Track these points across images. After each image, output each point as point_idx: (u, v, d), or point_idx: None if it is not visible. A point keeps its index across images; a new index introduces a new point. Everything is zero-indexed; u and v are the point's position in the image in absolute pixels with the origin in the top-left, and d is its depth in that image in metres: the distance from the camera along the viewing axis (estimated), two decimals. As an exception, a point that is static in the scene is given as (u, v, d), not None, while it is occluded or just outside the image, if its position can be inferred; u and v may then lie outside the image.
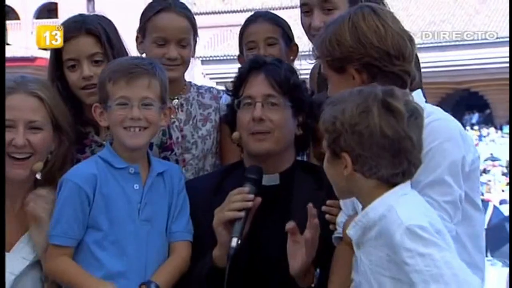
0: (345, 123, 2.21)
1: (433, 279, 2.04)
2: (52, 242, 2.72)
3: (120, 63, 2.79)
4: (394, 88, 2.28)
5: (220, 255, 2.74)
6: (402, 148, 2.19)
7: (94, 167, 2.77)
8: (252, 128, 2.84)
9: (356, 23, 2.48)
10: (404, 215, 2.13)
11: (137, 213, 2.77)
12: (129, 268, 2.73)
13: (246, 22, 3.49)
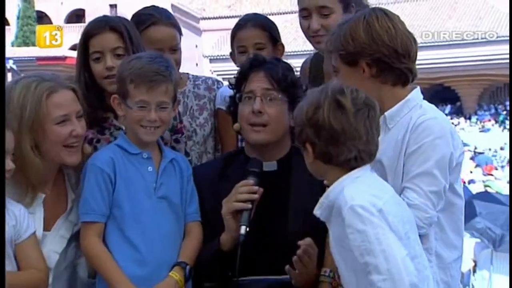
0: (304, 118, 2.26)
1: (366, 252, 2.08)
2: (83, 220, 2.73)
3: (142, 67, 2.75)
4: (345, 86, 2.30)
5: (227, 240, 2.73)
6: (350, 138, 2.21)
7: (112, 153, 2.78)
8: (251, 119, 2.83)
9: (371, 23, 2.49)
10: (349, 195, 2.15)
11: (153, 191, 2.76)
12: (149, 239, 2.72)
13: (236, 27, 3.47)
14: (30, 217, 2.60)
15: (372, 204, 2.12)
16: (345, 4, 3.09)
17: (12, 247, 2.54)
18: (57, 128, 2.67)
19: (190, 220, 2.83)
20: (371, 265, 2.07)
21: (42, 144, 2.65)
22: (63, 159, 2.73)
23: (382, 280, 2.04)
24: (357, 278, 2.18)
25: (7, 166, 2.47)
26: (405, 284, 2.03)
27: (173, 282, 2.70)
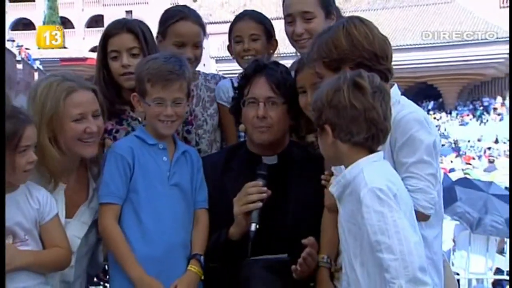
0: (324, 101, 2.22)
1: (380, 232, 2.06)
2: (102, 201, 2.72)
3: (158, 67, 2.75)
4: (362, 70, 2.29)
5: (235, 232, 2.72)
6: (369, 117, 2.19)
7: (131, 143, 2.78)
8: (256, 123, 2.82)
9: (350, 30, 2.46)
10: (369, 178, 2.13)
11: (166, 179, 2.75)
12: (161, 222, 2.71)
13: (235, 19, 3.46)
14: (53, 201, 2.60)
15: (389, 188, 2.10)
16: (326, 10, 3.06)
17: (37, 228, 2.54)
18: (73, 124, 2.66)
19: (199, 207, 2.82)
20: (383, 244, 2.05)
21: (60, 138, 2.64)
22: (78, 152, 2.72)
23: (393, 259, 2.02)
24: (363, 252, 2.16)
25: (30, 158, 2.47)
26: (415, 267, 2.01)
27: (193, 274, 2.71)
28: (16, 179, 2.49)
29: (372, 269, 2.13)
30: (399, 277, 2.01)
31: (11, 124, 2.43)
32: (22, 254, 2.48)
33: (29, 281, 2.50)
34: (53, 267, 2.59)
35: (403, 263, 2.02)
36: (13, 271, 2.45)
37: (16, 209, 2.49)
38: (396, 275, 2.02)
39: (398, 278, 2.01)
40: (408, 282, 2.01)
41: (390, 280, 2.03)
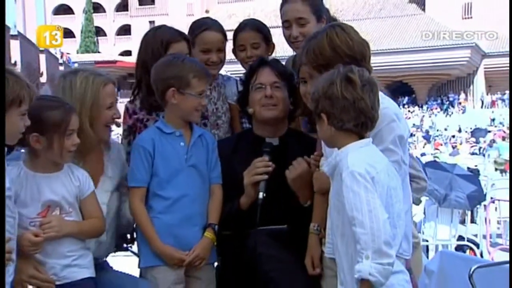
0: (320, 92, 2.21)
1: (355, 209, 2.05)
2: (130, 185, 2.73)
3: (202, 66, 2.81)
4: (353, 66, 2.26)
5: (246, 202, 2.74)
6: (358, 107, 2.17)
7: (152, 134, 2.76)
8: (264, 102, 2.84)
9: (332, 38, 2.43)
10: (351, 162, 2.12)
11: (184, 161, 2.73)
12: (180, 195, 2.70)
13: (237, 29, 3.40)
14: (90, 179, 2.60)
15: (368, 172, 2.09)
16: (317, 16, 3.03)
17: (78, 202, 2.54)
18: (107, 111, 2.68)
19: (213, 182, 2.80)
20: (357, 220, 2.04)
21: (95, 123, 2.64)
22: (102, 135, 2.73)
23: (364, 233, 2.02)
24: (343, 225, 2.16)
25: (74, 141, 2.47)
26: (381, 240, 2.01)
27: (208, 240, 2.71)
28: (62, 158, 2.49)
29: (350, 239, 2.12)
30: (367, 248, 2.01)
31: (59, 112, 2.43)
32: (68, 223, 2.49)
33: (72, 245, 2.51)
34: (91, 235, 2.60)
35: (371, 237, 2.01)
36: (60, 238, 2.46)
37: (61, 186, 2.50)
38: (365, 247, 2.01)
39: (367, 249, 2.01)
40: (374, 253, 2.00)
41: (360, 250, 2.03)
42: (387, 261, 2.01)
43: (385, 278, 2.02)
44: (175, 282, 2.69)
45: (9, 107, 2.20)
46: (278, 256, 2.56)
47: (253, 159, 2.78)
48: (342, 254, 2.20)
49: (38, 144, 2.42)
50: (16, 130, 2.26)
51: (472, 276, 3.30)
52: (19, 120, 2.25)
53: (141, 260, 2.78)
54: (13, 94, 2.21)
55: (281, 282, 2.48)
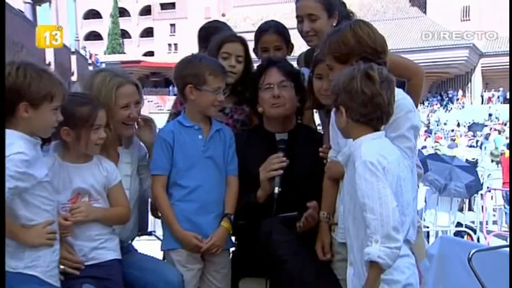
0: (340, 86, 2.18)
1: (367, 196, 2.03)
2: (152, 173, 2.73)
3: (218, 64, 2.79)
4: (373, 63, 2.24)
5: (262, 195, 2.73)
6: (376, 102, 2.14)
7: (172, 127, 2.77)
8: (272, 101, 2.82)
9: (356, 30, 2.40)
10: (364, 152, 2.10)
11: (202, 153, 2.73)
12: (198, 184, 2.70)
13: (261, 31, 3.34)
14: (117, 170, 2.61)
15: (379, 162, 2.07)
16: (329, 12, 2.98)
17: (105, 191, 2.55)
18: (121, 111, 2.66)
19: (229, 174, 2.79)
20: (368, 206, 2.02)
21: (110, 121, 2.63)
22: (121, 132, 2.72)
23: (374, 219, 2.00)
24: (355, 209, 2.15)
25: (101, 135, 2.48)
26: (390, 226, 1.99)
27: (224, 229, 2.71)
28: (90, 150, 2.50)
29: (360, 223, 2.11)
30: (376, 233, 2.00)
31: (88, 108, 2.45)
32: (95, 210, 2.50)
33: (100, 230, 2.52)
34: (117, 222, 2.61)
35: (381, 223, 2.00)
36: (89, 222, 2.48)
37: (91, 175, 2.51)
38: (374, 231, 2.00)
39: (376, 234, 2.00)
40: (383, 237, 1.99)
41: (369, 234, 2.01)
42: (395, 245, 2.00)
43: (392, 261, 2.00)
44: (193, 263, 2.71)
45: (41, 102, 2.22)
46: (290, 241, 2.55)
47: (264, 152, 2.77)
48: (353, 236, 2.19)
49: (68, 137, 2.45)
50: (48, 124, 2.28)
51: (471, 259, 3.29)
52: (51, 115, 2.26)
53: (163, 243, 2.79)
54: (45, 90, 2.22)
55: (294, 265, 2.46)
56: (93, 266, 2.46)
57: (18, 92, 2.17)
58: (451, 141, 23.65)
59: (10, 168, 2.07)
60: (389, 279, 2.08)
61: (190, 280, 2.69)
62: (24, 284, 2.18)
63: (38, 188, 2.22)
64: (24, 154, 2.14)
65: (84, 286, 2.39)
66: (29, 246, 2.20)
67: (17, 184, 2.11)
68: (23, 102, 2.18)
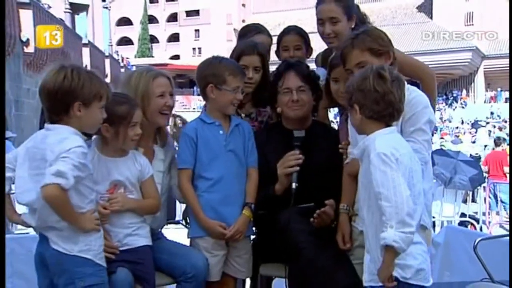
0: (355, 86, 2.17)
1: (382, 185, 2.01)
2: (178, 167, 2.74)
3: (237, 65, 2.79)
4: (384, 64, 2.23)
5: (279, 189, 2.73)
6: (387, 99, 2.13)
7: (195, 124, 2.76)
8: (291, 105, 2.82)
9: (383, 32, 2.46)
10: (378, 145, 2.08)
11: (223, 147, 2.73)
12: (220, 176, 2.70)
13: (283, 33, 3.38)
14: (150, 165, 2.62)
15: (392, 154, 2.05)
16: (348, 15, 2.96)
17: (139, 183, 2.56)
18: (157, 99, 2.68)
19: (250, 166, 2.78)
20: (382, 195, 2.01)
21: (147, 110, 2.65)
22: (157, 121, 2.72)
23: (389, 206, 1.99)
24: (369, 199, 2.13)
25: (137, 131, 2.51)
26: (404, 213, 1.98)
27: (246, 218, 2.71)
28: (126, 145, 2.53)
29: (375, 212, 2.09)
30: (391, 219, 1.98)
31: (126, 107, 2.49)
32: (130, 200, 2.52)
33: (133, 218, 2.54)
34: (148, 212, 2.62)
35: (395, 210, 1.98)
36: (124, 212, 2.50)
37: (126, 168, 2.53)
38: (390, 218, 1.99)
39: (391, 220, 1.98)
40: (398, 223, 1.97)
41: (385, 221, 2.00)
42: (409, 230, 1.98)
43: (406, 245, 1.99)
44: (218, 249, 2.71)
45: (92, 102, 2.27)
46: (307, 230, 2.53)
47: (283, 148, 2.76)
48: (368, 224, 2.17)
49: (107, 133, 2.48)
50: (96, 121, 2.33)
51: (477, 247, 3.26)
52: (99, 113, 2.31)
53: (190, 231, 2.79)
54: (95, 91, 2.27)
55: (311, 252, 2.45)
56: (127, 251, 2.48)
57: (73, 93, 2.22)
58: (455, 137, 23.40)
59: (74, 159, 2.13)
60: (402, 264, 2.07)
61: (215, 265, 2.70)
62: (80, 266, 2.23)
63: (88, 179, 2.26)
64: (83, 147, 2.19)
65: (119, 269, 2.41)
66: (83, 231, 2.24)
67: (79, 174, 2.16)
68: (77, 102, 2.23)
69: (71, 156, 2.12)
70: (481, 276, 3.22)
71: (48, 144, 2.18)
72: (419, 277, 2.10)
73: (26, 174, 2.25)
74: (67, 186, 2.10)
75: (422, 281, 2.12)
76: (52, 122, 2.26)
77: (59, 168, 2.08)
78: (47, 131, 2.25)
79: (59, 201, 2.12)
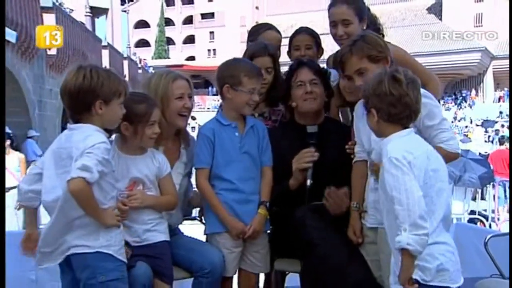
0: (370, 90, 2.14)
1: (394, 189, 1.98)
2: (196, 166, 2.74)
3: (253, 67, 2.76)
4: (398, 67, 2.19)
5: (294, 184, 2.72)
6: (404, 101, 2.09)
7: (212, 125, 2.76)
8: (305, 97, 2.81)
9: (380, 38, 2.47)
10: (391, 149, 2.06)
11: (238, 148, 2.72)
12: (237, 176, 2.70)
13: (294, 33, 3.37)
14: (167, 162, 2.62)
15: (404, 157, 2.01)
16: (360, 17, 2.96)
17: (157, 180, 2.57)
18: (176, 101, 2.68)
19: (264, 165, 2.77)
20: (395, 198, 1.98)
21: (166, 112, 2.65)
22: (176, 123, 2.72)
23: (401, 209, 1.96)
24: (387, 203, 2.08)
25: (155, 130, 2.52)
26: (416, 216, 1.94)
27: (262, 216, 2.70)
28: (144, 143, 2.53)
29: (392, 215, 2.05)
30: (404, 222, 1.95)
31: (144, 106, 2.49)
32: (148, 197, 2.53)
33: (152, 215, 2.54)
34: (166, 208, 2.62)
35: (408, 213, 1.95)
36: (143, 209, 2.51)
37: (145, 166, 2.54)
38: (403, 221, 1.96)
39: (404, 223, 1.95)
40: (411, 226, 1.94)
41: (399, 224, 1.97)
42: (422, 232, 1.94)
43: (421, 247, 1.94)
44: (235, 246, 2.71)
45: (112, 99, 2.27)
46: (321, 227, 2.53)
47: (297, 144, 2.75)
48: (388, 227, 2.14)
49: (126, 131, 2.49)
50: (117, 117, 2.34)
51: (487, 243, 3.22)
52: (119, 109, 2.32)
53: (207, 227, 2.79)
54: (114, 88, 2.27)
55: (325, 248, 2.45)
56: (146, 246, 2.49)
57: (93, 92, 2.23)
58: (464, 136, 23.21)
59: (98, 154, 2.14)
60: (421, 266, 2.01)
61: (232, 260, 2.70)
62: (102, 261, 2.23)
63: (110, 175, 2.27)
64: (106, 144, 2.20)
65: (138, 263, 2.41)
66: (104, 226, 2.24)
67: (103, 169, 2.16)
68: (98, 100, 2.24)
69: (95, 152, 2.13)
70: (490, 272, 3.19)
71: (73, 142, 2.19)
72: (442, 278, 2.03)
73: (53, 173, 2.26)
74: (92, 180, 2.10)
75: (447, 282, 2.04)
76: (75, 122, 2.27)
77: (84, 163, 2.09)
78: (70, 131, 2.26)
79: (84, 194, 2.12)
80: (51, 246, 2.26)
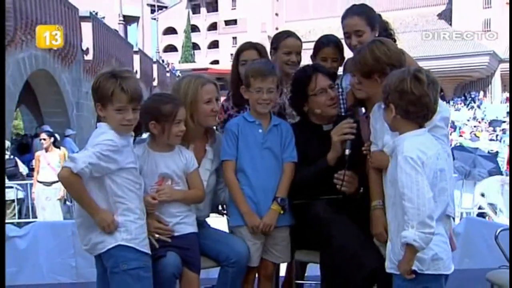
0: (392, 86, 2.09)
1: (406, 187, 1.96)
2: (222, 158, 2.72)
3: (259, 67, 2.73)
4: (421, 67, 2.16)
5: (333, 158, 2.64)
6: (423, 101, 2.06)
7: (238, 121, 2.76)
8: (330, 103, 2.75)
9: (373, 50, 2.37)
10: (406, 148, 2.03)
11: (261, 144, 2.71)
12: (258, 172, 2.68)
13: (323, 43, 3.25)
14: (194, 158, 2.62)
15: (418, 157, 1.99)
16: (371, 26, 2.92)
17: (184, 175, 2.57)
18: (205, 105, 2.66)
19: (285, 161, 2.73)
20: (406, 196, 1.96)
21: (195, 115, 2.65)
22: (206, 123, 2.72)
23: (411, 207, 1.94)
24: (395, 196, 2.08)
25: (181, 128, 2.51)
26: (425, 215, 1.92)
27: (273, 212, 2.65)
28: (171, 141, 2.54)
29: (399, 209, 2.04)
30: (413, 219, 1.94)
31: (170, 106, 2.49)
32: (176, 191, 2.54)
33: (180, 208, 2.55)
34: (194, 201, 2.62)
35: (417, 211, 1.93)
36: (171, 202, 2.52)
37: (173, 162, 2.54)
38: (411, 218, 1.94)
39: (412, 220, 1.94)
40: (418, 223, 1.93)
41: (407, 220, 1.95)
42: (429, 231, 1.93)
43: (426, 244, 1.95)
44: (256, 238, 2.69)
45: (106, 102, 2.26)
46: (337, 219, 2.51)
47: (314, 142, 2.72)
48: (390, 218, 2.14)
49: (155, 130, 2.50)
50: (116, 121, 2.27)
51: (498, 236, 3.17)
52: (115, 114, 2.27)
53: (230, 220, 2.78)
54: (105, 93, 2.25)
55: (341, 239, 2.43)
56: (175, 237, 2.50)
57: (94, 95, 2.30)
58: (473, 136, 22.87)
59: (97, 149, 2.18)
60: (419, 257, 2.02)
61: (255, 252, 2.69)
62: (124, 251, 2.26)
63: (125, 172, 2.27)
64: (113, 142, 2.21)
65: (168, 253, 2.43)
66: (94, 223, 2.24)
67: (99, 162, 2.17)
68: (98, 103, 2.29)
69: (95, 147, 2.18)
70: (498, 263, 3.14)
71: (90, 138, 2.27)
72: (437, 266, 2.05)
73: None
74: (75, 169, 2.11)
75: (441, 269, 2.07)
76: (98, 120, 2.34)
77: (73, 155, 2.16)
78: (96, 129, 2.33)
79: (67, 182, 2.17)
80: (84, 245, 2.33)
